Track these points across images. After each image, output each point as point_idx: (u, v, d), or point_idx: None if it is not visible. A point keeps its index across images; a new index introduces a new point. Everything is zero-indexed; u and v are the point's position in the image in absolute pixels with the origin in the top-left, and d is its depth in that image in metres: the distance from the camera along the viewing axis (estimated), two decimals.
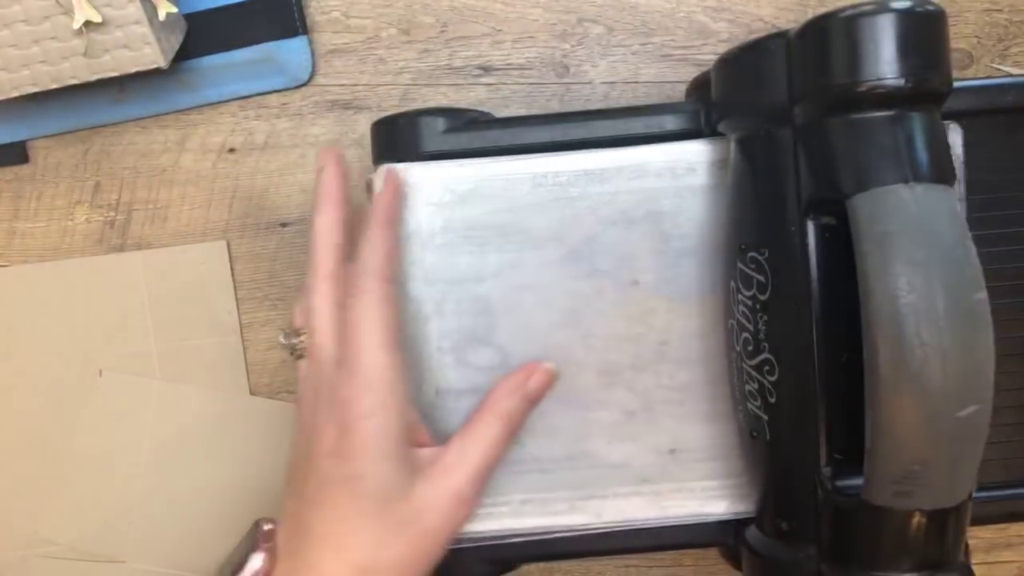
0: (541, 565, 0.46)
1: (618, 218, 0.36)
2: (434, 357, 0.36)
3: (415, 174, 0.36)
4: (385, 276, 0.33)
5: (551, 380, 0.36)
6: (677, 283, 0.36)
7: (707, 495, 0.36)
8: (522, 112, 0.45)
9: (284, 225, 0.45)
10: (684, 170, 0.36)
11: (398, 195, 0.35)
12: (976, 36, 0.45)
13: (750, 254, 0.33)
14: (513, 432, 0.35)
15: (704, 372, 0.36)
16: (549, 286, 0.36)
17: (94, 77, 0.40)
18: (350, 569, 0.31)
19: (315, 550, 0.31)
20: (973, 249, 0.27)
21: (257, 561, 0.35)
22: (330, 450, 0.32)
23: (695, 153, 0.36)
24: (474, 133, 0.37)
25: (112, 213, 0.45)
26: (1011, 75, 0.45)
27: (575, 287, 0.36)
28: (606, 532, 0.37)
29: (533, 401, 0.35)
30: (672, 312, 0.36)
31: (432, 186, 0.36)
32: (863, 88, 0.29)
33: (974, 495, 0.29)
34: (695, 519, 0.37)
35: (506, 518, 0.37)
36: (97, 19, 0.38)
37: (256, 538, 0.36)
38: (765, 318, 0.32)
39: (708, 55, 0.45)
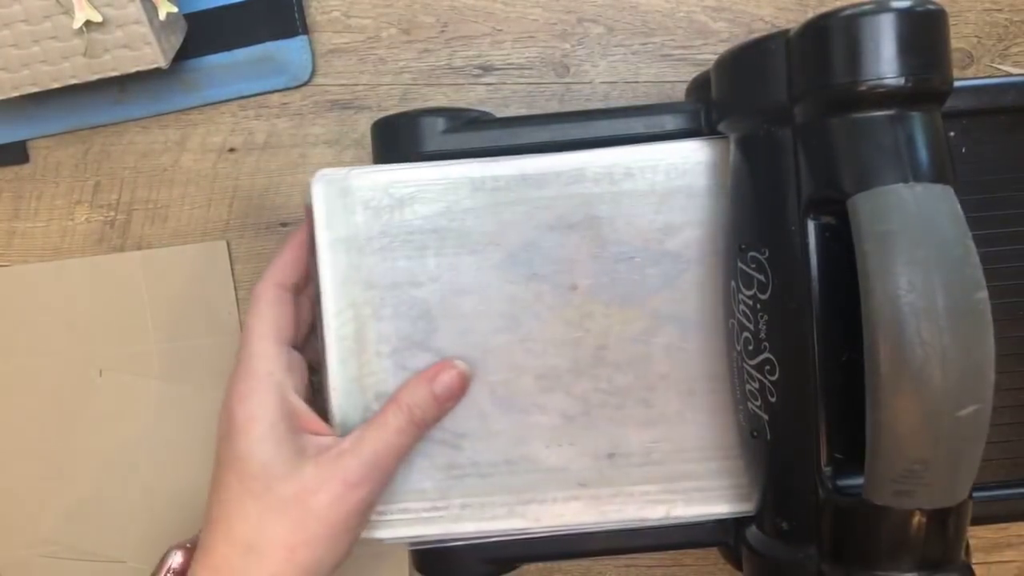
0: (541, 565, 0.46)
1: (556, 223, 0.36)
2: (373, 361, 0.36)
3: (354, 179, 0.36)
4: (276, 281, 0.36)
5: (462, 379, 0.35)
6: (615, 288, 0.36)
7: (646, 499, 0.36)
8: (522, 112, 0.45)
9: (284, 225, 0.45)
10: (622, 175, 0.36)
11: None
12: (976, 36, 0.45)
13: (750, 254, 0.33)
14: (418, 425, 0.34)
15: (642, 376, 0.36)
16: (487, 290, 0.36)
17: (94, 77, 0.40)
18: (237, 547, 0.32)
19: (209, 532, 0.33)
20: (973, 249, 0.27)
21: (173, 558, 0.37)
22: (222, 435, 0.34)
23: (633, 159, 0.36)
24: (474, 133, 0.37)
25: (112, 213, 0.45)
26: (1011, 75, 0.45)
27: (513, 291, 0.36)
28: (606, 532, 0.37)
29: (441, 398, 0.35)
30: (610, 317, 0.36)
31: (371, 190, 0.36)
32: (863, 87, 0.29)
33: (974, 495, 0.29)
34: (634, 524, 0.37)
35: (445, 522, 0.37)
36: (97, 19, 0.38)
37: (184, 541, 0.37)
38: (766, 318, 0.32)
39: (708, 55, 0.45)
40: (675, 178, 0.36)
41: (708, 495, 0.36)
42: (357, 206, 0.36)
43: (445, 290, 0.36)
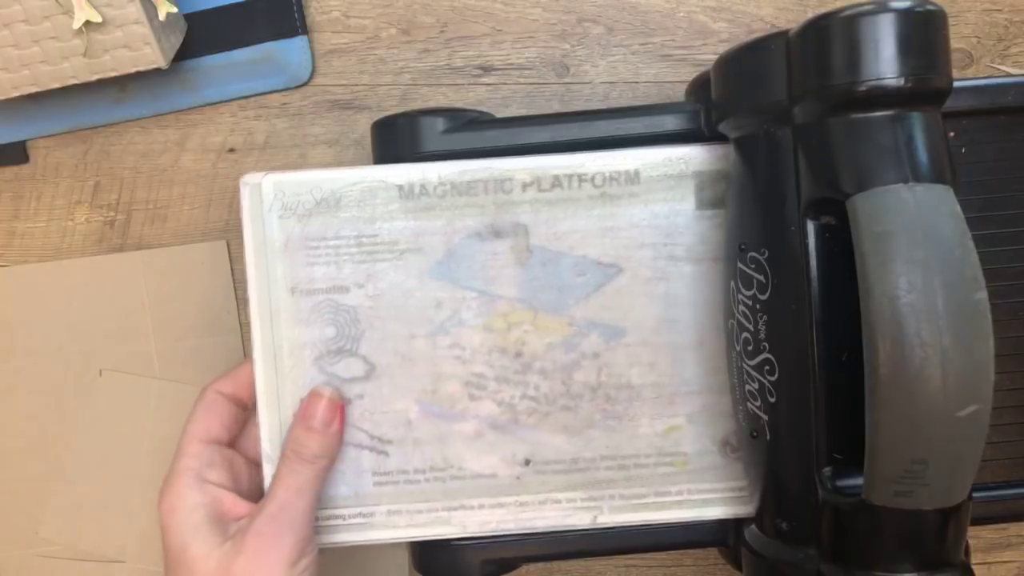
0: (541, 565, 0.46)
1: (481, 229, 0.36)
2: (297, 367, 0.36)
3: (273, 182, 0.36)
4: (217, 388, 0.37)
5: (331, 405, 0.35)
6: (540, 295, 0.36)
7: (572, 506, 0.37)
8: (522, 112, 0.45)
9: None
10: (549, 184, 0.36)
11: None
12: (976, 36, 0.45)
13: (750, 254, 0.33)
14: (311, 461, 0.35)
15: (567, 384, 0.37)
16: (412, 297, 0.36)
17: (94, 77, 0.40)
18: None
19: None
20: (973, 249, 0.27)
21: None
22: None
23: (558, 165, 0.36)
24: (474, 133, 0.37)
25: (112, 213, 0.45)
26: (1011, 75, 0.45)
27: (438, 298, 0.36)
28: (607, 532, 0.37)
29: (316, 430, 0.35)
30: (534, 324, 0.36)
31: (292, 194, 0.36)
32: (863, 88, 0.29)
33: (974, 495, 0.29)
34: (563, 529, 0.37)
35: (372, 529, 0.37)
36: (97, 19, 0.38)
37: None
38: (765, 318, 0.32)
39: (708, 55, 0.45)
40: (601, 186, 0.36)
41: (632, 503, 0.37)
42: (278, 210, 0.36)
43: (369, 296, 0.36)
